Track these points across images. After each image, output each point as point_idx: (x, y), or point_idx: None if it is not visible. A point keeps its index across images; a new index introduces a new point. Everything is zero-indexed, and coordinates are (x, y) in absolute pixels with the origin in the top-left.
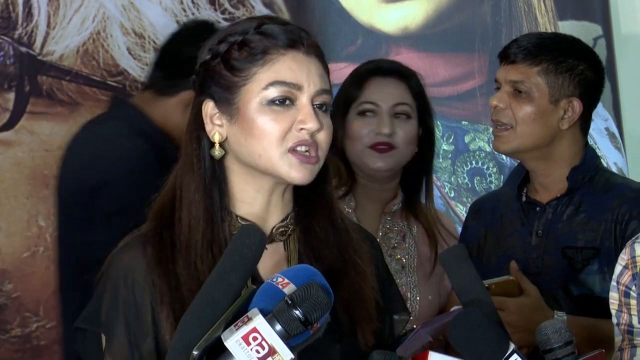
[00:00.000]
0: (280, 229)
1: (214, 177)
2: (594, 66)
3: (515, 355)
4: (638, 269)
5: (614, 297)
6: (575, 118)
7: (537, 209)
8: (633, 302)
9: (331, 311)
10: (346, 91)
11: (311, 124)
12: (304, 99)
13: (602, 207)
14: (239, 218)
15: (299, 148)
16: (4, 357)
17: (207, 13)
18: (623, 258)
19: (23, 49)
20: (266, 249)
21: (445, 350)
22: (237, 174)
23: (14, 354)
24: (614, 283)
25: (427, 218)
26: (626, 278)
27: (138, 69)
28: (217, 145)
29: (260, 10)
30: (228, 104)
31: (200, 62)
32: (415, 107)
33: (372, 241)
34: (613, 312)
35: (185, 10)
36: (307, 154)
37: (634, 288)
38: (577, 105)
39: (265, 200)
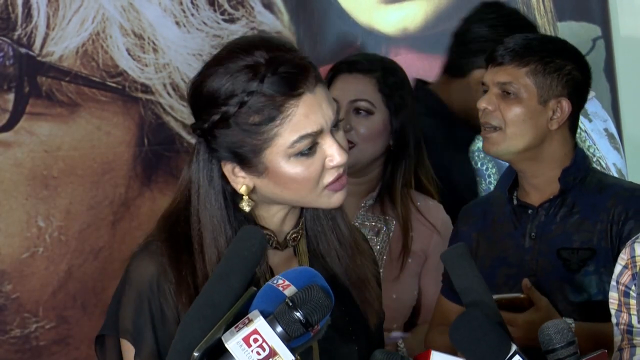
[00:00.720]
0: (293, 235)
1: (238, 219)
2: (581, 66)
3: (517, 357)
4: (638, 268)
5: (613, 297)
6: (565, 118)
7: (530, 211)
8: (633, 301)
9: (346, 312)
10: None
11: (340, 159)
12: (326, 137)
13: (596, 208)
14: (259, 227)
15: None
16: (4, 357)
17: (207, 14)
18: (623, 258)
19: (22, 50)
20: (268, 248)
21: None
22: (261, 204)
23: (14, 354)
24: (613, 283)
25: (404, 210)
26: (626, 278)
27: (137, 69)
28: (245, 198)
29: (260, 11)
30: (252, 163)
31: (206, 120)
32: (383, 101)
33: (367, 242)
34: (612, 311)
35: (184, 11)
36: (340, 181)
37: (633, 288)
38: (566, 105)
39: (284, 215)
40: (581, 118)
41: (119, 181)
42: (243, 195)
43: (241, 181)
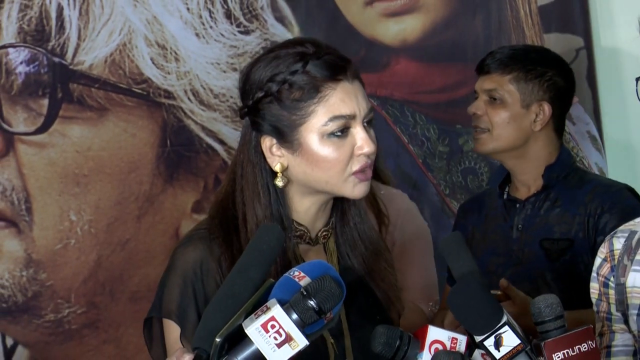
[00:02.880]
0: (324, 233)
1: (277, 200)
2: (563, 72)
3: (506, 327)
4: (616, 261)
5: (594, 287)
6: (546, 120)
7: (517, 205)
8: (611, 291)
9: (372, 303)
10: None
11: (368, 148)
12: (357, 125)
13: (576, 201)
14: (295, 223)
15: (361, 171)
16: (39, 339)
17: (224, 26)
18: (602, 251)
19: (56, 59)
20: (283, 242)
21: None
22: (295, 192)
23: (48, 337)
24: (594, 274)
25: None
26: (605, 270)
27: (161, 77)
28: (279, 175)
29: (273, 24)
30: (288, 139)
31: (251, 98)
32: None
33: (388, 250)
34: (594, 300)
35: (203, 24)
36: (365, 173)
37: (612, 279)
38: (547, 108)
39: (316, 210)
40: (566, 121)
41: (143, 179)
42: (278, 172)
43: (277, 159)
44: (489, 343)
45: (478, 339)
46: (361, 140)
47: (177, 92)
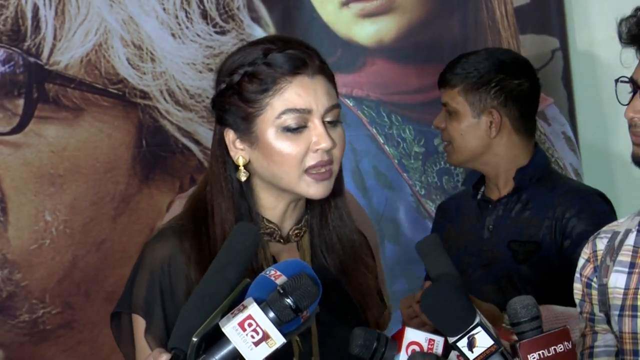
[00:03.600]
0: (295, 231)
1: (242, 194)
2: (517, 74)
3: (479, 328)
4: (599, 262)
5: (577, 288)
6: (498, 126)
7: (490, 206)
8: (594, 292)
9: (342, 301)
10: None
11: (325, 144)
12: (315, 121)
13: (546, 205)
14: (265, 220)
15: (315, 169)
16: (14, 340)
17: (200, 27)
18: (585, 252)
19: (31, 59)
20: (271, 241)
21: None
22: (260, 187)
23: (23, 337)
24: (577, 275)
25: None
26: (588, 270)
27: (137, 77)
28: (241, 169)
29: (249, 24)
30: (247, 132)
31: (216, 91)
32: None
33: (372, 256)
34: (577, 301)
35: (179, 24)
36: (322, 170)
37: (595, 280)
38: (496, 115)
39: (284, 207)
40: (541, 122)
41: (119, 179)
42: (239, 166)
43: (239, 152)
44: (462, 344)
45: (451, 340)
46: (317, 135)
47: (153, 93)
